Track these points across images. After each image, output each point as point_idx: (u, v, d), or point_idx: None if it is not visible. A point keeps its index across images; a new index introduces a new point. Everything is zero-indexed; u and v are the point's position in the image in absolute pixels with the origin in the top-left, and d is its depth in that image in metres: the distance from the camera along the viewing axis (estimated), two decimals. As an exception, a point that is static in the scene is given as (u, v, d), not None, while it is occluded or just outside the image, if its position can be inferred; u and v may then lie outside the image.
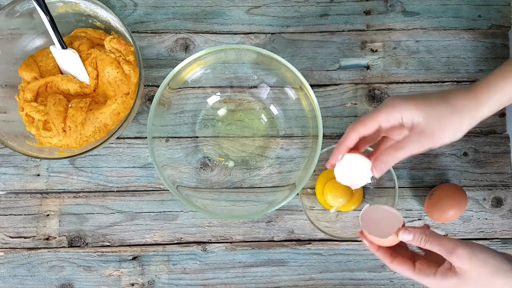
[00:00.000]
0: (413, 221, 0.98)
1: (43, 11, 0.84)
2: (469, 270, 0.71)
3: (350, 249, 0.98)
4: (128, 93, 0.91)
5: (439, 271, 0.74)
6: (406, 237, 0.75)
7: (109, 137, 0.88)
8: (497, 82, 0.74)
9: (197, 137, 0.98)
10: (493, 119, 0.99)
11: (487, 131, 0.99)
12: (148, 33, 1.00)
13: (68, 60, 0.91)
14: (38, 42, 0.95)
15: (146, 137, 0.98)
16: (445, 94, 0.76)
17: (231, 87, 0.98)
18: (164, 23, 1.00)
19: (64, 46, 0.89)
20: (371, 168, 0.79)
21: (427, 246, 0.74)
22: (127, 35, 0.89)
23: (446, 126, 0.73)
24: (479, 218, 0.98)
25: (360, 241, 0.96)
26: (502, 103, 0.74)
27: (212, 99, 0.98)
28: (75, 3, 0.91)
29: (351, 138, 0.78)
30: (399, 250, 0.80)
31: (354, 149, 0.80)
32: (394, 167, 0.97)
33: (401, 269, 0.76)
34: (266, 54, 0.86)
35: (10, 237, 0.97)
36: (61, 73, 0.95)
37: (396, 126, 0.77)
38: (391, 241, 0.78)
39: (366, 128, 0.76)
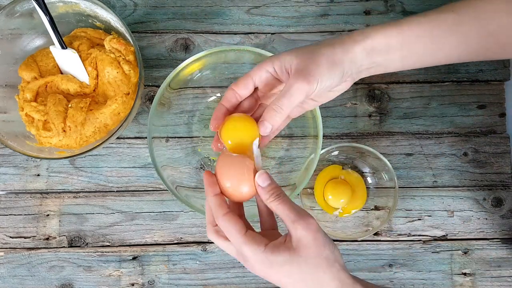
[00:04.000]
0: (413, 221, 0.98)
1: (43, 11, 0.84)
2: (309, 246, 0.62)
3: (350, 249, 0.98)
4: (128, 93, 0.92)
5: (271, 244, 0.64)
6: (262, 181, 0.66)
7: (109, 137, 0.88)
8: (374, 27, 0.72)
9: (197, 137, 0.97)
10: (493, 119, 0.99)
11: (487, 131, 0.99)
12: (148, 33, 1.00)
13: (68, 60, 0.92)
14: (38, 42, 0.96)
15: (146, 137, 0.98)
16: (318, 42, 0.73)
17: (231, 87, 0.98)
18: (164, 23, 1.00)
19: (64, 46, 0.89)
20: (258, 126, 0.71)
21: (274, 204, 0.65)
22: (127, 35, 0.89)
23: (319, 59, 0.69)
24: (479, 218, 0.98)
25: (360, 241, 0.98)
26: (375, 46, 0.71)
27: (212, 99, 0.98)
28: (75, 3, 0.91)
29: (227, 96, 0.73)
30: (236, 210, 0.72)
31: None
32: (394, 167, 0.97)
33: (232, 226, 0.64)
34: (265, 55, 0.86)
35: (10, 237, 0.97)
36: (61, 73, 0.95)
37: (270, 83, 0.73)
38: (245, 193, 0.68)
39: (239, 84, 0.72)
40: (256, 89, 0.75)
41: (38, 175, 0.98)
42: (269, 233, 0.69)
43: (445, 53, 0.73)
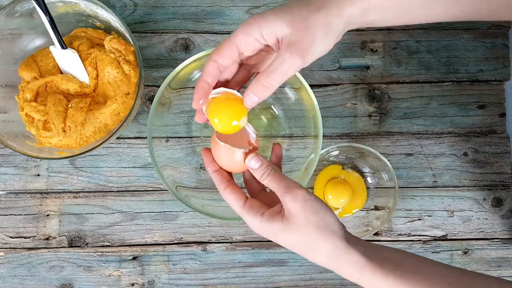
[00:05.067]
0: (413, 221, 0.98)
1: (43, 11, 0.84)
2: (298, 215, 0.65)
3: None
4: (128, 93, 0.92)
5: (268, 212, 0.68)
6: (253, 163, 0.68)
7: (109, 137, 0.88)
8: None
9: (197, 137, 0.98)
10: (493, 119, 1.00)
11: (487, 131, 0.99)
12: (148, 33, 1.00)
13: (68, 60, 0.92)
14: (38, 42, 0.96)
15: (146, 137, 0.98)
16: None
17: (231, 87, 0.98)
18: (164, 23, 1.00)
19: (64, 46, 0.89)
20: (244, 100, 0.68)
21: (266, 181, 0.68)
22: (127, 35, 0.89)
23: (315, 29, 0.64)
24: (479, 218, 0.99)
25: None
26: (371, 5, 0.66)
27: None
28: (75, 3, 0.91)
29: (209, 70, 0.68)
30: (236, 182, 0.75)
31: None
32: (394, 167, 0.97)
33: (231, 199, 0.70)
34: None
35: (10, 237, 0.97)
36: (61, 73, 0.95)
37: (259, 51, 0.68)
38: (239, 165, 0.71)
39: (222, 55, 0.67)
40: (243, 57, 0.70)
41: (38, 175, 0.98)
42: (262, 195, 0.74)
43: (437, 11, 0.69)
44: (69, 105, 0.91)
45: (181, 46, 1.00)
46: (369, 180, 0.99)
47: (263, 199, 0.72)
